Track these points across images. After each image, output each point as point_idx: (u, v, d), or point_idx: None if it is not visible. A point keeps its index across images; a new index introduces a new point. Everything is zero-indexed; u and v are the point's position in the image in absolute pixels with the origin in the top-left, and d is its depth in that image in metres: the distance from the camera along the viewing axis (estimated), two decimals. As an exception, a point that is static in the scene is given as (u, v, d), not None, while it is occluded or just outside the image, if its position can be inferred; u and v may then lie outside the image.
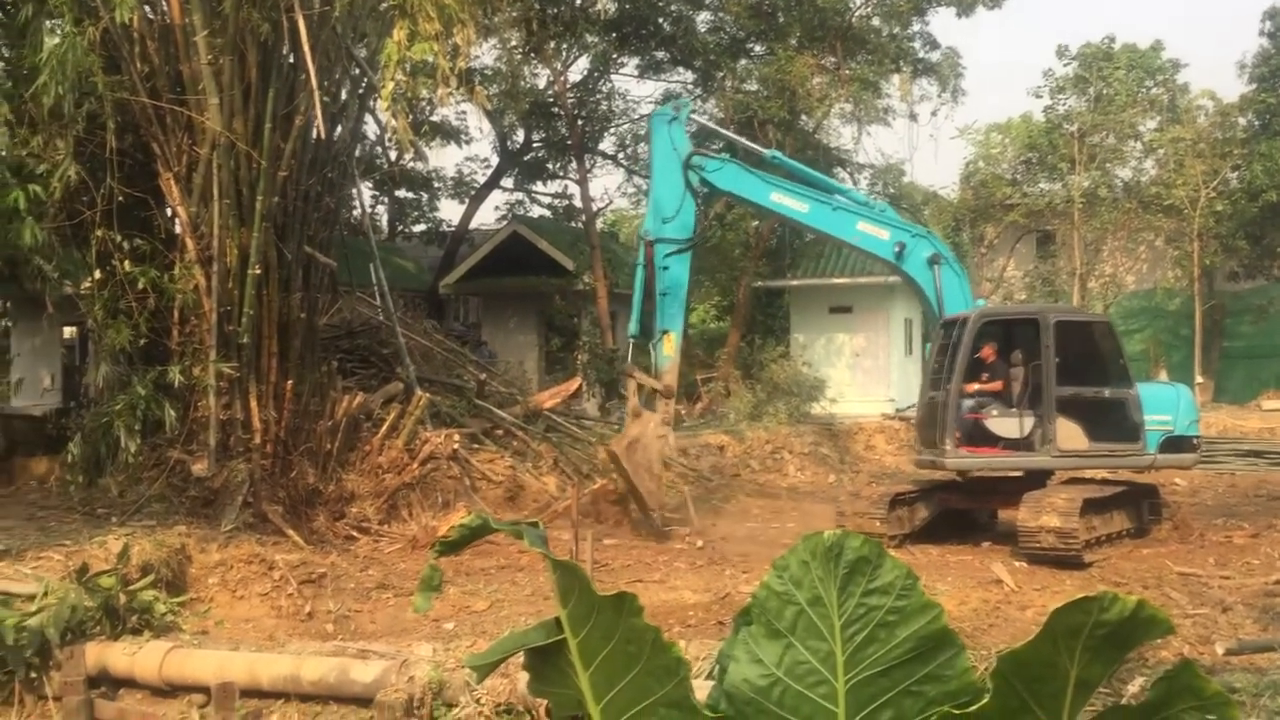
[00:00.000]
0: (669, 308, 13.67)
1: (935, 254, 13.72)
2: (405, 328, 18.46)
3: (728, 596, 10.32)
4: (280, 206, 12.85)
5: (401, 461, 13.97)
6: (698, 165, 13.78)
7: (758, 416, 22.33)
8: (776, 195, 13.87)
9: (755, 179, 13.94)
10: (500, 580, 11.29)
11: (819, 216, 13.89)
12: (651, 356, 13.90)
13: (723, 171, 13.82)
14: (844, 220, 13.87)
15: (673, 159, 13.72)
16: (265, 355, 12.75)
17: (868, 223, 13.85)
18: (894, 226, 14.01)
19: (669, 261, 13.67)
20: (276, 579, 10.56)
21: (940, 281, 13.62)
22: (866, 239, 13.87)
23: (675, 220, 13.72)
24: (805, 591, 2.10)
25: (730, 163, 14.04)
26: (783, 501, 17.53)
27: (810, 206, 13.84)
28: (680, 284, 13.80)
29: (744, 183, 13.90)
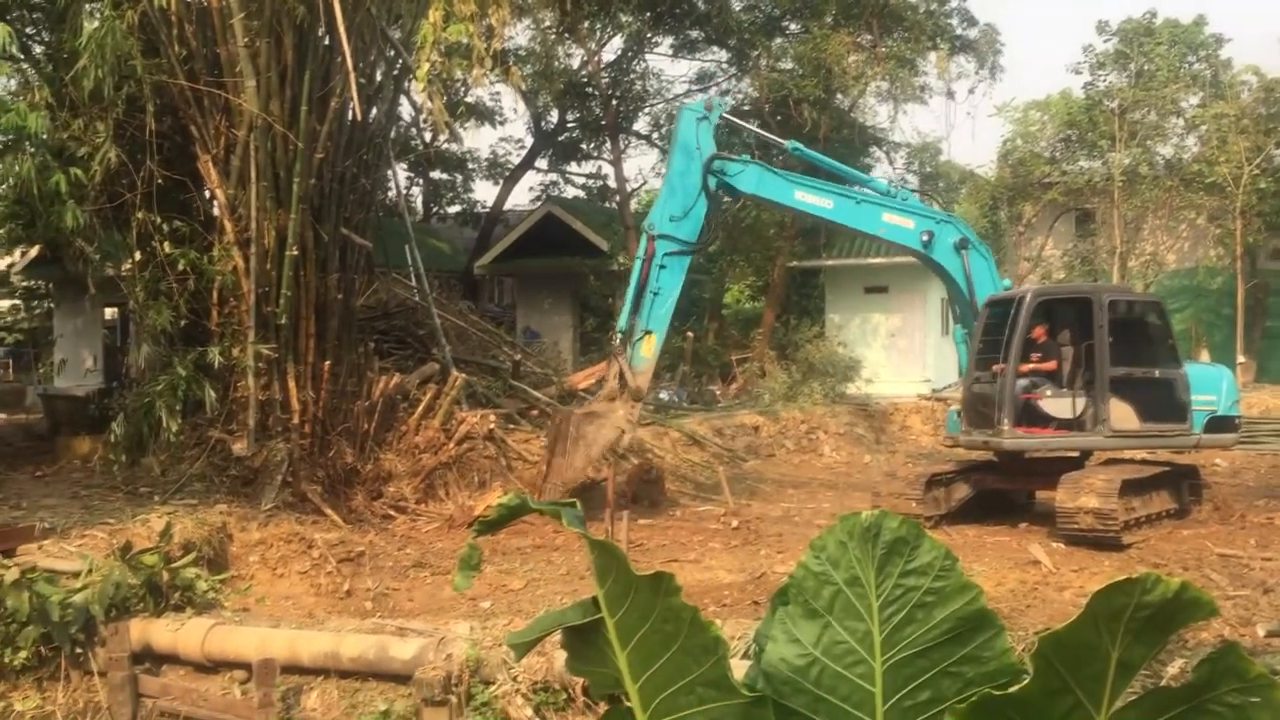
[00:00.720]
0: (657, 308, 13.20)
1: (962, 239, 13.63)
2: (441, 309, 18.54)
3: (763, 576, 10.32)
4: (317, 188, 12.92)
5: (438, 441, 14.05)
6: (719, 169, 13.49)
7: (793, 397, 22.28)
8: (801, 194, 13.71)
9: (778, 180, 13.75)
10: (535, 559, 11.35)
11: (844, 211, 13.74)
12: (627, 352, 13.29)
13: (745, 174, 13.58)
14: (869, 213, 13.74)
15: (694, 158, 13.43)
16: (303, 336, 12.85)
17: (893, 213, 13.74)
18: (919, 215, 13.89)
19: (668, 261, 13.26)
20: (315, 557, 10.67)
21: (969, 265, 13.53)
22: (893, 230, 13.76)
23: (684, 220, 13.31)
24: (843, 572, 2.09)
25: (752, 165, 13.76)
26: (818, 482, 17.49)
27: (835, 202, 13.69)
28: (673, 286, 13.26)
29: (767, 184, 13.69)
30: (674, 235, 13.27)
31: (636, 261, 13.53)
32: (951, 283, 13.90)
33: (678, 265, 13.39)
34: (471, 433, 14.48)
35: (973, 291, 13.46)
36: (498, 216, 32.91)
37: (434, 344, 17.13)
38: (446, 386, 14.77)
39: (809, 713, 2.12)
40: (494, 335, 20.55)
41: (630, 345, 13.25)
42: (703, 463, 17.69)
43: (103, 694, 8.66)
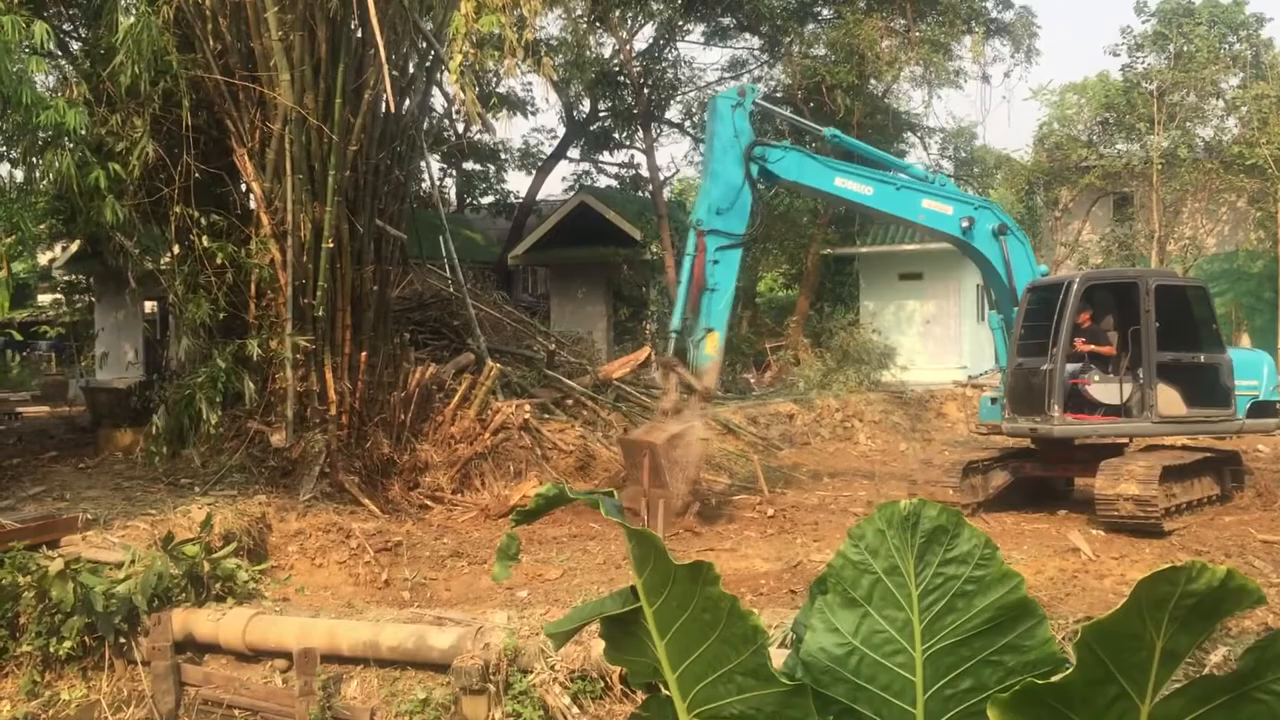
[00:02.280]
0: (715, 305, 13.05)
1: (1000, 225, 13.53)
2: (475, 299, 18.61)
3: (799, 565, 10.31)
4: (351, 180, 12.99)
5: (473, 431, 14.12)
6: (760, 156, 13.39)
7: (827, 385, 22.21)
8: (841, 180, 13.60)
9: (818, 166, 13.65)
10: (572, 549, 11.39)
11: (884, 198, 13.64)
12: (689, 353, 13.12)
13: (785, 161, 13.49)
14: (909, 200, 13.64)
15: (733, 147, 13.34)
16: (339, 328, 12.94)
17: (932, 199, 13.63)
18: (958, 201, 13.79)
19: (720, 256, 13.12)
20: (354, 547, 10.76)
21: (1008, 252, 13.43)
22: (932, 216, 13.66)
23: (731, 212, 13.17)
24: (882, 560, 2.09)
25: (792, 151, 13.67)
26: (853, 470, 17.44)
27: (875, 189, 13.59)
28: (729, 281, 13.13)
29: (807, 171, 13.60)
30: (722, 229, 13.16)
31: (686, 259, 13.38)
32: (989, 269, 13.79)
33: (731, 259, 13.27)
34: (507, 423, 14.54)
35: (1011, 278, 13.36)
36: (531, 207, 32.96)
37: (469, 334, 17.21)
38: (481, 377, 14.83)
39: (848, 701, 2.12)
40: (528, 325, 20.61)
41: (693, 345, 13.16)
42: (738, 451, 17.67)
43: (146, 683, 8.78)
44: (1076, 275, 13.00)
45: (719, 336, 13.15)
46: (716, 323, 13.14)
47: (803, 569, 10.11)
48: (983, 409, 14.11)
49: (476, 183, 35.79)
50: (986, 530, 9.44)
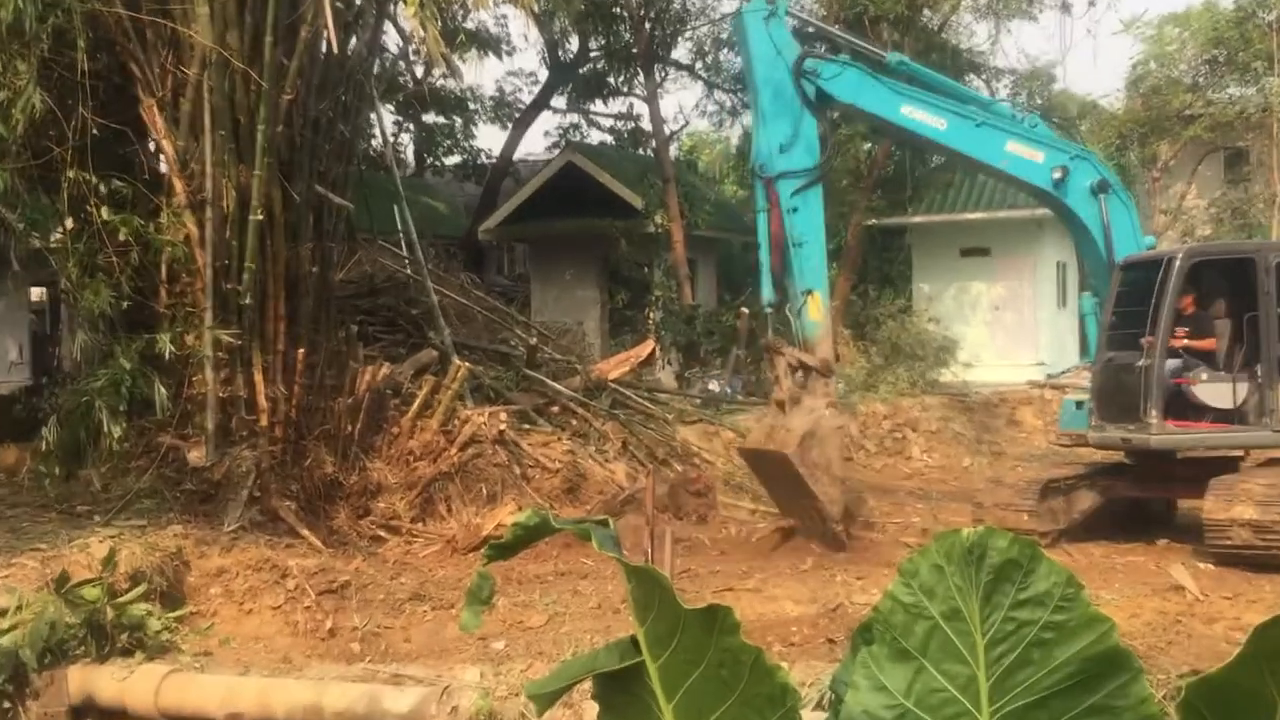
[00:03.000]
0: (808, 260, 13.13)
1: (1100, 180, 13.49)
2: (438, 283, 18.61)
3: (839, 608, 10.31)
4: (285, 138, 12.98)
5: (437, 446, 14.12)
6: (811, 71, 13.35)
7: (873, 386, 22.22)
8: (909, 108, 13.58)
9: (882, 88, 13.63)
10: (560, 589, 11.39)
11: (960, 135, 13.61)
12: (793, 325, 13.29)
13: (843, 78, 13.44)
14: (990, 139, 13.61)
15: (778, 66, 13.28)
16: (271, 319, 12.94)
17: (1019, 142, 13.61)
18: (1050, 147, 13.77)
19: (797, 201, 13.13)
20: (291, 589, 10.76)
21: (1108, 215, 13.38)
22: (1017, 163, 13.64)
23: (796, 146, 13.16)
24: (940, 603, 2.09)
25: (851, 67, 13.63)
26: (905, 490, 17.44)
27: (949, 122, 13.57)
28: (816, 228, 13.26)
29: (868, 92, 13.56)
30: (792, 169, 13.18)
31: (759, 215, 13.51)
32: (1084, 235, 13.77)
33: (813, 201, 13.34)
34: (478, 435, 14.54)
35: (1111, 249, 13.31)
36: (506, 169, 32.98)
37: (430, 326, 17.21)
38: (447, 378, 14.84)
39: (899, 776, 2.12)
40: (504, 315, 20.61)
41: (793, 314, 13.28)
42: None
43: (37, 757, 8.78)
44: (1179, 250, 12.99)
45: (821, 296, 13.33)
46: (814, 281, 13.25)
47: (843, 613, 10.10)
48: (1065, 415, 14.10)
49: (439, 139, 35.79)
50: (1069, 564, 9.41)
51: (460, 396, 15.08)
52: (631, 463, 16.27)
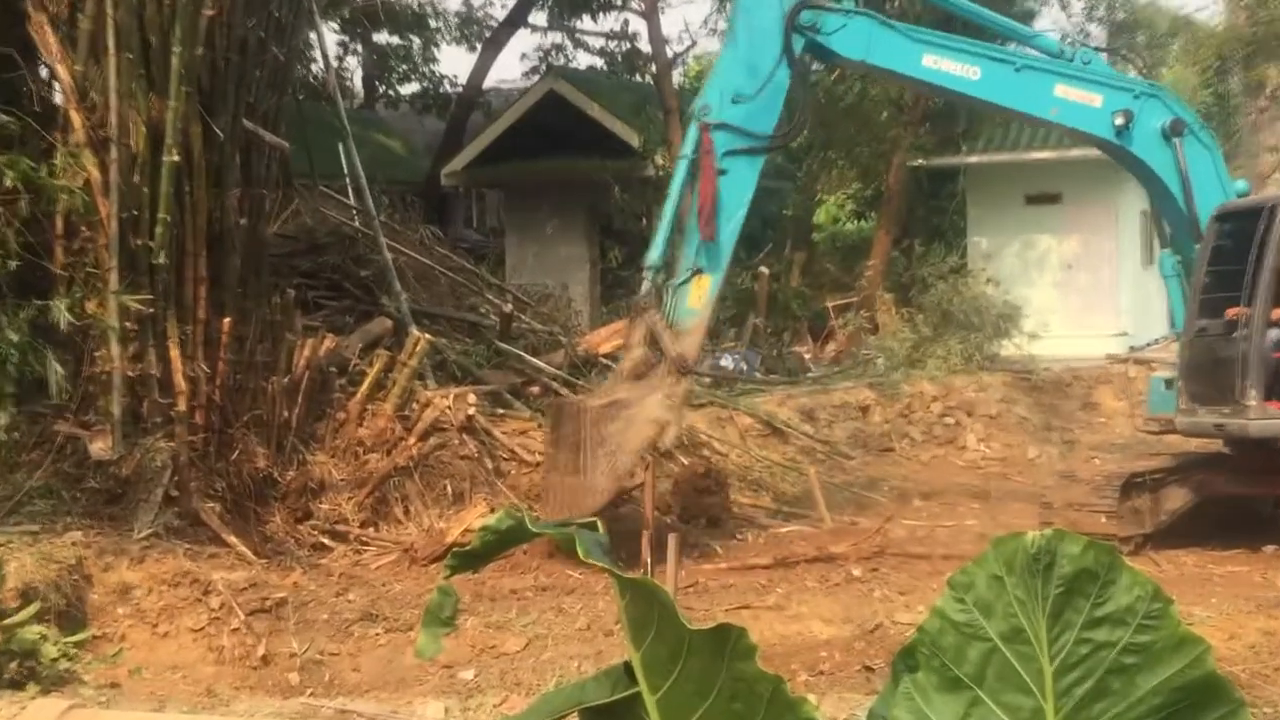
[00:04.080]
0: (717, 235, 13.13)
1: (1174, 120, 13.43)
2: (393, 238, 18.58)
3: (878, 629, 10.34)
4: (206, 63, 12.93)
5: (392, 435, 14.12)
6: (809, 24, 13.27)
7: (919, 362, 22.21)
8: (932, 58, 13.53)
9: (898, 38, 13.56)
10: (541, 607, 11.41)
11: (997, 84, 13.57)
12: (664, 303, 13.15)
13: (849, 31, 13.36)
14: (1034, 85, 13.56)
15: (768, 8, 13.27)
16: (190, 282, 12.91)
17: (1070, 84, 13.56)
18: (1109, 86, 13.71)
19: (730, 164, 13.10)
20: (215, 608, 10.76)
21: (1185, 160, 13.35)
22: (1070, 110, 13.60)
23: (755, 102, 13.14)
24: (999, 622, 2.09)
25: (859, 16, 13.54)
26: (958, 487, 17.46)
27: (983, 69, 13.52)
28: (738, 202, 13.21)
29: (881, 45, 13.50)
30: (740, 125, 13.11)
31: (680, 162, 13.39)
32: (1159, 188, 13.75)
33: (745, 170, 13.23)
34: (441, 422, 14.54)
35: (1191, 200, 13.30)
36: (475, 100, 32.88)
37: (384, 290, 17.19)
38: (403, 353, 14.82)
39: (950, 830, 2.12)
40: (473, 276, 20.58)
41: (672, 291, 13.13)
42: (786, 461, 17.68)
43: (-90, 810, 8.80)
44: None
45: (711, 282, 13.14)
46: (710, 262, 13.10)
47: (883, 635, 10.13)
48: (1153, 396, 14.10)
49: (394, 64, 35.69)
50: (1156, 575, 9.41)
51: (420, 375, 15.07)
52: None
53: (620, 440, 12.74)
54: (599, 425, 12.64)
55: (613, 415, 12.68)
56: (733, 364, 22.96)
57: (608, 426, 12.65)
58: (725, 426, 18.14)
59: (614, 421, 12.68)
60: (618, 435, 12.74)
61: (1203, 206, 13.26)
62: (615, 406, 12.72)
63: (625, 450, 12.81)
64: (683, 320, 13.12)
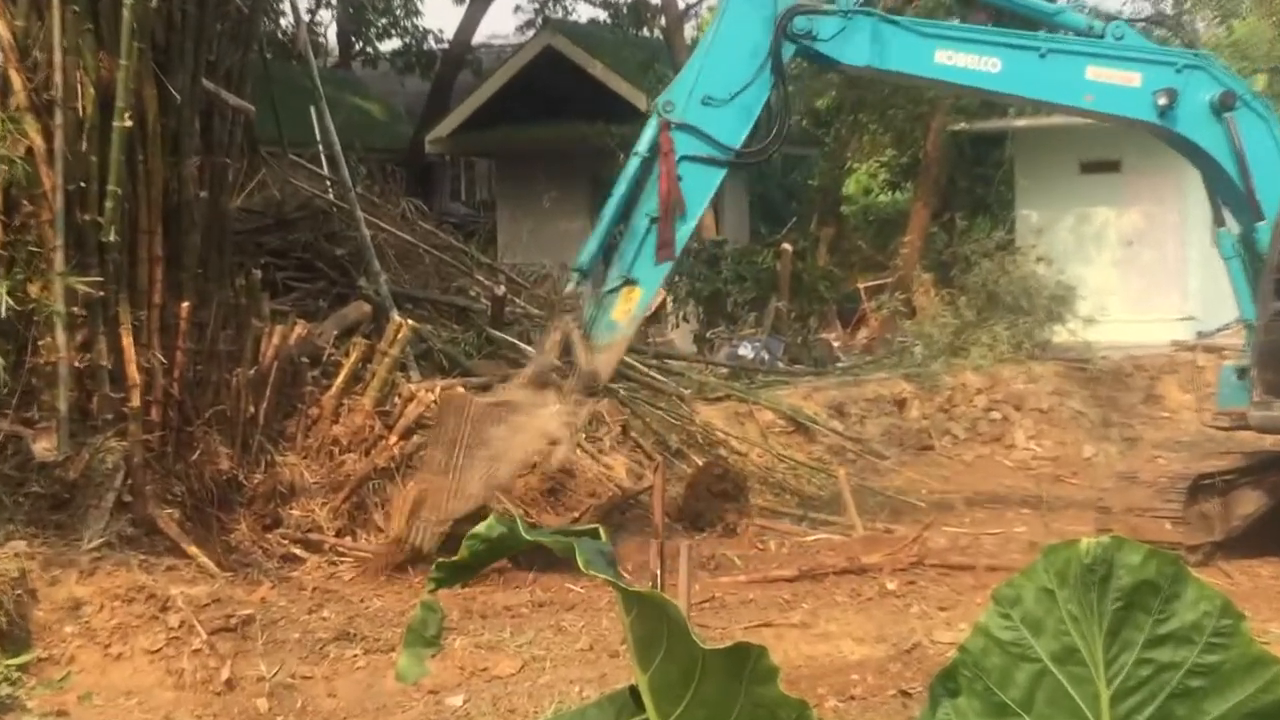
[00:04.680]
0: (653, 244, 13.02)
1: (1224, 93, 13.38)
2: (371, 212, 18.57)
3: (915, 649, 10.34)
4: (162, 15, 12.93)
5: (371, 433, 14.12)
6: (802, 31, 13.18)
7: (962, 350, 22.19)
8: (945, 54, 13.46)
9: (906, 37, 13.46)
10: (538, 625, 11.41)
11: (1021, 74, 13.51)
12: (586, 315, 13.11)
13: (848, 36, 13.24)
14: (1063, 71, 13.50)
15: (756, 7, 13.18)
16: (145, 262, 12.91)
17: (1103, 64, 13.52)
18: (1147, 61, 13.66)
19: (685, 171, 12.98)
20: (174, 626, 10.77)
21: (1240, 136, 13.32)
22: (1106, 94, 13.55)
23: (726, 108, 13.08)
24: (1049, 640, 2.09)
25: (857, 15, 13.42)
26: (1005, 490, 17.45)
27: (1004, 59, 13.44)
28: (692, 213, 13.21)
29: (887, 46, 13.39)
30: (705, 130, 13.01)
31: (632, 158, 13.23)
32: (1210, 166, 13.73)
33: (700, 181, 13.06)
34: (426, 418, 14.54)
35: (1249, 177, 13.27)
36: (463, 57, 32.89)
37: (361, 271, 17.19)
38: (383, 341, 14.82)
39: None
40: (461, 255, 20.57)
41: (595, 301, 13.05)
42: (812, 462, 17.68)
43: None
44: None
45: (641, 296, 13.04)
46: (647, 275, 12.97)
47: (920, 655, 10.14)
48: (1223, 387, 14.08)
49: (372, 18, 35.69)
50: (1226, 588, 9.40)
51: (402, 366, 15.07)
52: (634, 454, 16.29)
53: (503, 447, 12.71)
54: (483, 424, 12.60)
55: (500, 417, 12.63)
56: (752, 353, 23.01)
57: (492, 428, 12.61)
58: (744, 423, 18.15)
59: (500, 424, 12.64)
60: (501, 441, 12.70)
61: (1262, 182, 13.21)
62: (505, 409, 12.67)
63: (505, 459, 12.78)
64: (602, 333, 13.05)
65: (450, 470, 12.58)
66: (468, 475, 12.65)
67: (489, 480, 12.83)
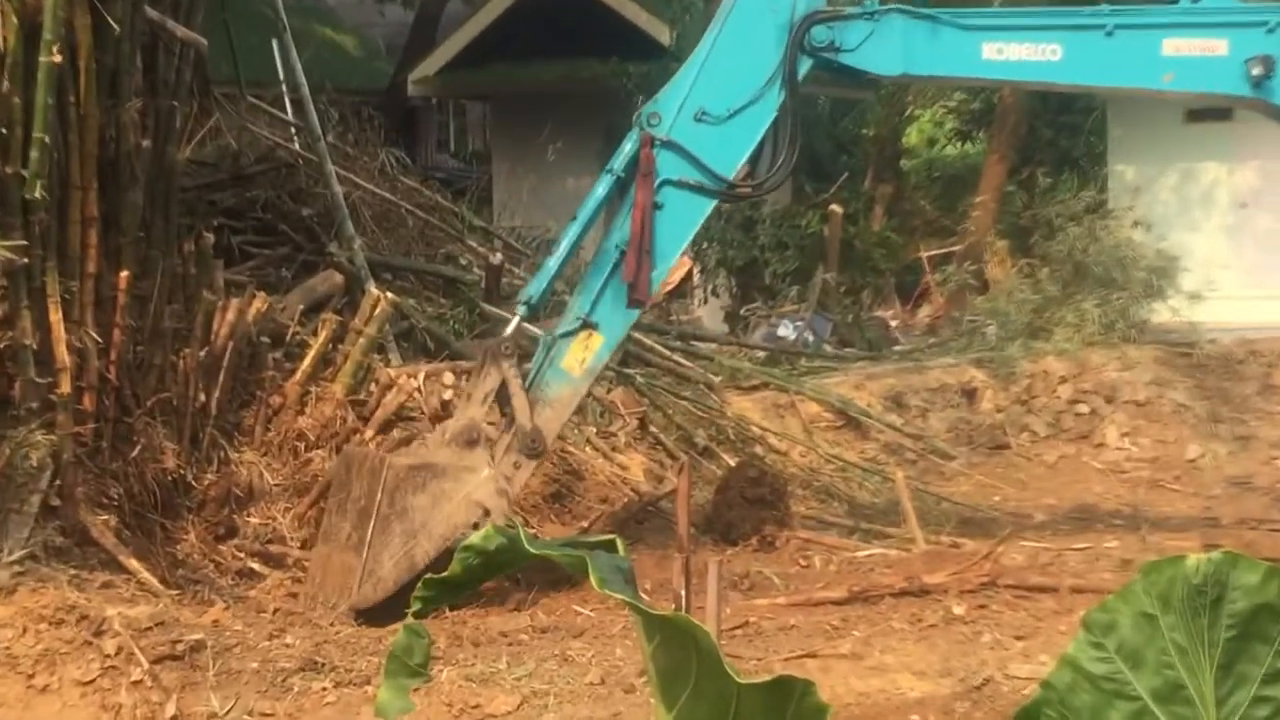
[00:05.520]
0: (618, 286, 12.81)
1: None
2: (344, 165, 18.59)
3: (987, 685, 10.34)
4: (97, -70, 12.95)
5: (343, 426, 14.16)
6: (824, 43, 13.05)
7: (1044, 331, 22.19)
8: (994, 46, 13.37)
9: (945, 32, 13.40)
10: (541, 653, 11.43)
11: (1087, 59, 13.42)
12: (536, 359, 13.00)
13: (877, 42, 13.13)
14: (1135, 49, 13.45)
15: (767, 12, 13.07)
16: (77, 224, 12.93)
17: (1181, 35, 13.49)
18: (1233, 25, 13.63)
19: (668, 198, 12.81)
20: (110, 653, 10.81)
21: None
22: (1188, 69, 13.47)
23: (722, 127, 12.94)
24: (1150, 675, 2.08)
25: (887, 15, 13.27)
26: (1095, 498, 17.44)
27: (1065, 45, 13.37)
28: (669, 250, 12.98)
29: (925, 48, 13.26)
30: (694, 153, 12.92)
31: (604, 176, 12.98)
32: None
33: (685, 210, 12.87)
34: (408, 408, 14.57)
35: None
36: (452, -18, 32.87)
37: (332, 235, 17.21)
38: (358, 318, 14.84)
39: None
40: (449, 216, 20.59)
41: (547, 344, 12.91)
42: (865, 463, 17.69)
43: None
44: None
45: (603, 347, 12.88)
46: (611, 318, 12.76)
47: (993, 693, 10.14)
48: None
49: (345, -66, 35.73)
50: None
51: (379, 347, 15.10)
52: (654, 452, 16.31)
53: (424, 519, 12.47)
54: (400, 492, 12.36)
55: (422, 484, 12.43)
56: (794, 333, 23.02)
57: (412, 497, 12.38)
58: (785, 416, 18.17)
59: (421, 492, 12.44)
60: (422, 512, 12.48)
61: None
62: (427, 473, 12.46)
63: (428, 534, 12.48)
64: (550, 384, 12.89)
65: (359, 546, 12.30)
66: (381, 554, 12.39)
67: (407, 561, 12.44)
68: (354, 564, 12.35)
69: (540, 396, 12.82)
